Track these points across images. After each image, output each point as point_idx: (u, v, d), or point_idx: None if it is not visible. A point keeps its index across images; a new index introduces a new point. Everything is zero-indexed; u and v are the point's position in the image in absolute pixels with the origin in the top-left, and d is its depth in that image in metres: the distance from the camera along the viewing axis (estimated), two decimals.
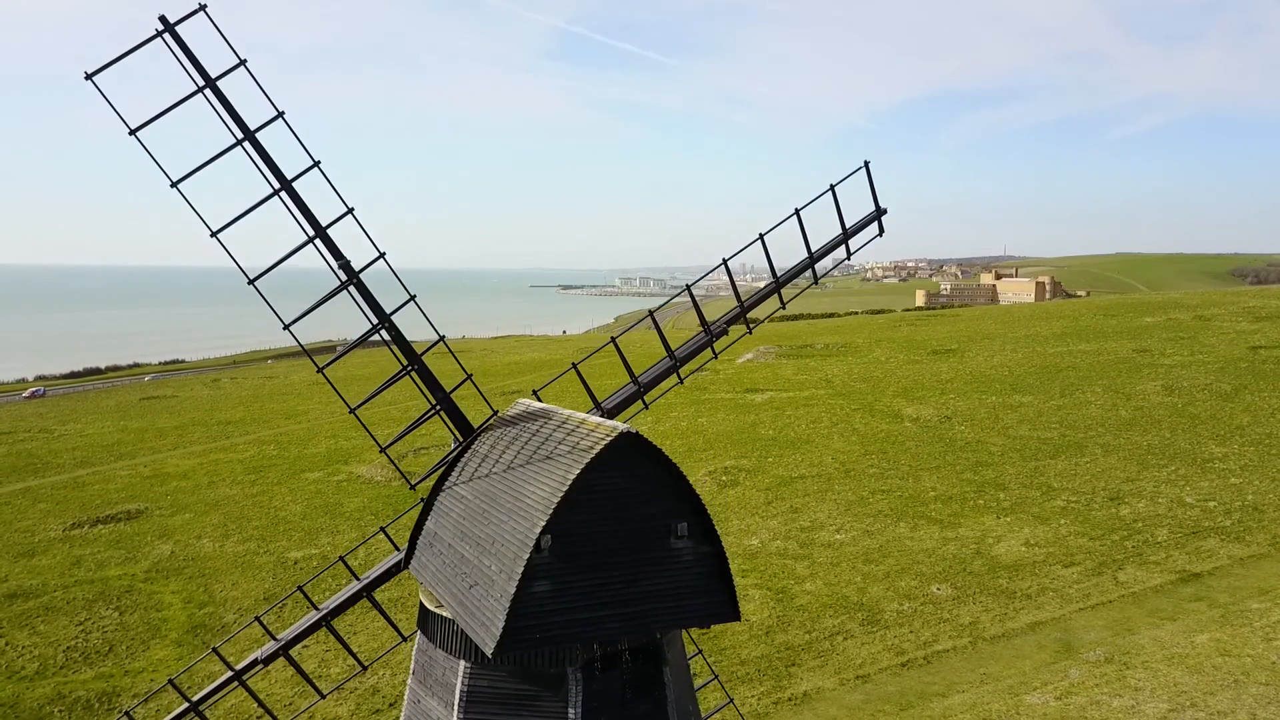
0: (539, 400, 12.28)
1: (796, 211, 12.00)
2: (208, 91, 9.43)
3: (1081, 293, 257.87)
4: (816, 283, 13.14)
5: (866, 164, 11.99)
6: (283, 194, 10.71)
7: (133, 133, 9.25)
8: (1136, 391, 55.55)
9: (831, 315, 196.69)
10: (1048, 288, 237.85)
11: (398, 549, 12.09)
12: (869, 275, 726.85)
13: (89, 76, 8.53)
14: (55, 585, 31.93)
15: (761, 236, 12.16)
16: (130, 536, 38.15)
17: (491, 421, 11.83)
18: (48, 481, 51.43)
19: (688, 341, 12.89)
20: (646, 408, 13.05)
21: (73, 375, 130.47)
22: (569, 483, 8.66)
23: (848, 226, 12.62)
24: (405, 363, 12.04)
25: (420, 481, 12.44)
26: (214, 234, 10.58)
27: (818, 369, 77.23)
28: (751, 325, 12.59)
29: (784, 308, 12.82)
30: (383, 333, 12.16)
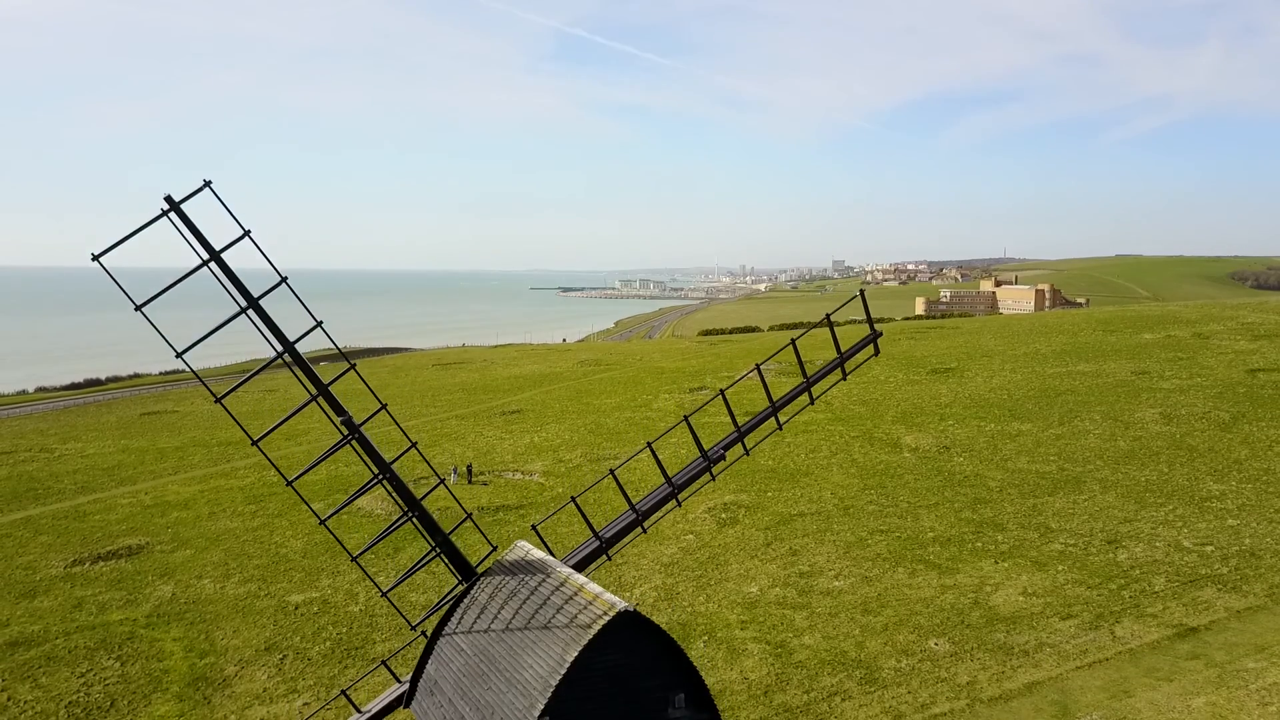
0: (539, 535, 12.38)
1: (793, 342, 12.18)
2: (212, 264, 9.61)
3: (1081, 300, 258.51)
4: (813, 403, 13.29)
5: (862, 292, 12.16)
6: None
7: (138, 308, 9.41)
8: (1135, 420, 55.69)
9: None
10: (1047, 295, 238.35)
11: (399, 680, 12.23)
12: (869, 278, 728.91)
13: (95, 258, 8.69)
14: (57, 632, 32.05)
15: (758, 366, 12.30)
16: (131, 575, 38.27)
17: (490, 564, 11.92)
18: (49, 510, 51.52)
19: (685, 468, 13.02)
20: (645, 531, 13.15)
21: (73, 386, 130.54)
22: (567, 664, 8.79)
23: (843, 351, 12.79)
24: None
25: (420, 622, 12.56)
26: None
27: (817, 389, 77.32)
28: (748, 448, 12.71)
29: (780, 429, 12.95)
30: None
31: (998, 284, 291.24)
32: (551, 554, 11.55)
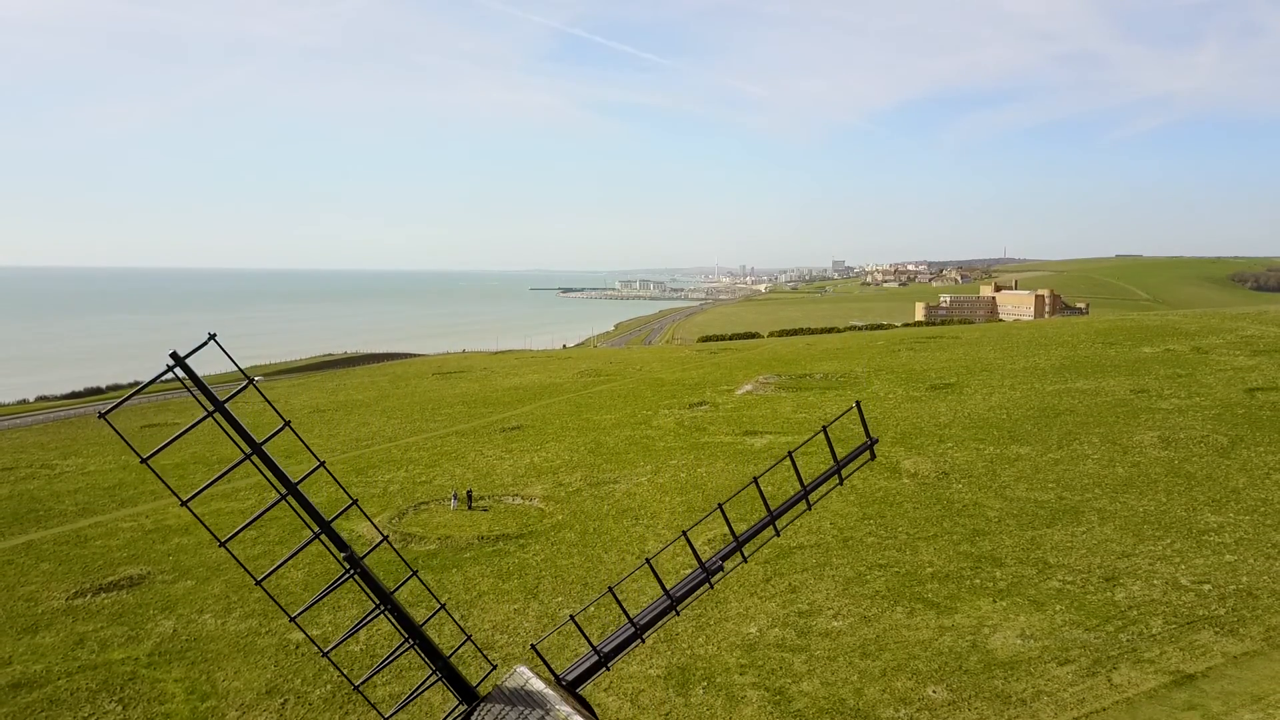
0: (538, 654, 12.48)
1: (789, 454, 12.31)
2: (217, 414, 9.78)
3: (1081, 305, 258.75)
4: (810, 509, 13.44)
5: (858, 403, 12.31)
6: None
7: (144, 461, 9.58)
8: (1134, 444, 55.81)
9: (831, 330, 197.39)
10: (1047, 301, 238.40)
11: None
12: (869, 280, 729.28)
13: (102, 415, 8.84)
14: (59, 672, 32.17)
15: (755, 480, 12.43)
16: (133, 609, 38.42)
17: (490, 688, 12.02)
18: (50, 534, 51.70)
19: (684, 580, 13.14)
20: (644, 641, 13.27)
21: (74, 395, 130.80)
22: None
23: (840, 459, 12.93)
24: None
25: None
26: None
27: (816, 405, 77.51)
28: (747, 556, 12.86)
29: (778, 535, 13.09)
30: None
31: (997, 289, 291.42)
32: (552, 671, 11.66)
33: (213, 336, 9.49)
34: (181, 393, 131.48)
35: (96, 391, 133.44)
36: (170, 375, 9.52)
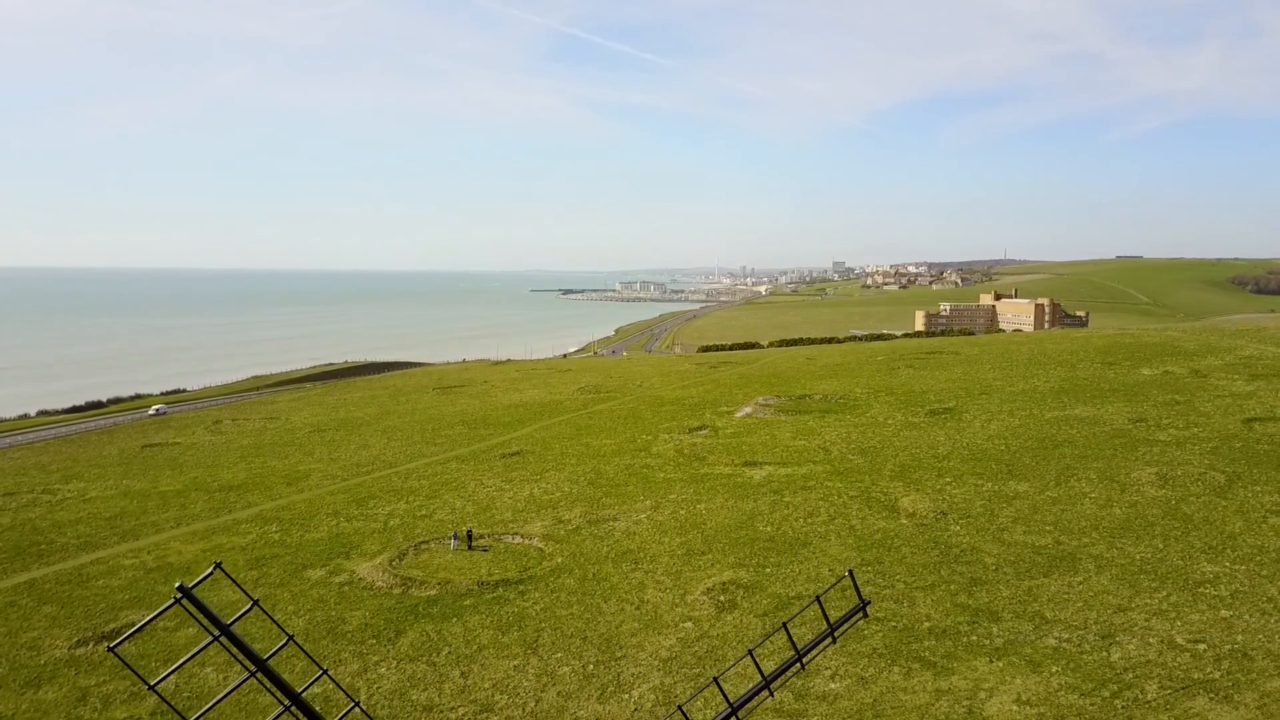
0: None
1: (784, 625, 12.55)
2: (222, 638, 10.01)
3: (1081, 314, 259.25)
4: (803, 669, 13.67)
5: (851, 572, 12.56)
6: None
7: (152, 688, 9.81)
8: (1131, 481, 55.99)
9: (831, 340, 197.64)
10: (1047, 311, 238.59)
11: None
12: (869, 282, 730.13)
13: (111, 649, 9.07)
14: None
15: (750, 652, 12.65)
16: (135, 660, 38.54)
17: None
18: (51, 572, 51.99)
19: None
20: None
21: (74, 409, 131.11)
22: None
23: (833, 622, 13.17)
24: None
25: None
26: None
27: (816, 432, 77.73)
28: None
29: (772, 695, 13.31)
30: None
31: (997, 297, 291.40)
32: None
33: (218, 565, 9.75)
34: (181, 408, 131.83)
35: (97, 405, 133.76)
36: (175, 603, 9.77)
